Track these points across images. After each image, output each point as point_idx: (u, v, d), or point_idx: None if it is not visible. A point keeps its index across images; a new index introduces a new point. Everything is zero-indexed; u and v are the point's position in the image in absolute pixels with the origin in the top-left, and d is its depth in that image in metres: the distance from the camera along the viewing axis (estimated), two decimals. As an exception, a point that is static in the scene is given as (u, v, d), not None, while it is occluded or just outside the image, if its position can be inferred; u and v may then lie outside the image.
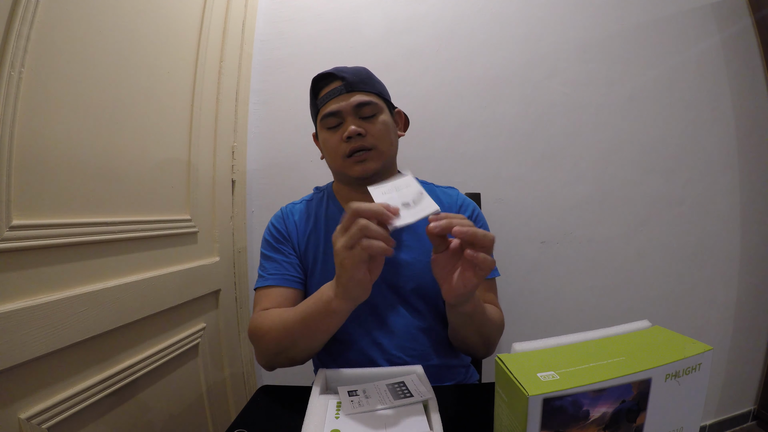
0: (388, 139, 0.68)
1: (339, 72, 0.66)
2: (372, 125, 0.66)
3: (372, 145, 0.65)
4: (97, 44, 0.58)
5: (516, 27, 1.12)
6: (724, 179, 1.19)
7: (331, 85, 0.67)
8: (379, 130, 0.66)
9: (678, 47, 1.15)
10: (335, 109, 0.65)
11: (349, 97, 0.65)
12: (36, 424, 0.47)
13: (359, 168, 0.66)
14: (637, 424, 0.32)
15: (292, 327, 0.55)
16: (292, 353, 0.58)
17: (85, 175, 0.57)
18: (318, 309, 0.52)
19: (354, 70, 0.68)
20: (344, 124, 0.65)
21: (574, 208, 1.14)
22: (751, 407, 1.29)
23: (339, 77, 0.66)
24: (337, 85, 0.66)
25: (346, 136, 0.64)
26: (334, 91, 0.66)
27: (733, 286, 1.22)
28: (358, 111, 0.65)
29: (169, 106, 0.77)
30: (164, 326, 0.74)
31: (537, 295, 1.14)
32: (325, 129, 0.68)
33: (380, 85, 0.71)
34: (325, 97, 0.67)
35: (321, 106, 0.67)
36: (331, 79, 0.67)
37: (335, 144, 0.66)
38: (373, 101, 0.66)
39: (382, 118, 0.67)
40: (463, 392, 0.56)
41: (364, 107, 0.65)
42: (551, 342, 0.36)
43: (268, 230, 0.73)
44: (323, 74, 0.67)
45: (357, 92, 0.66)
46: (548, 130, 1.13)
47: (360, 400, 0.45)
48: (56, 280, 0.51)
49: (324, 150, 0.71)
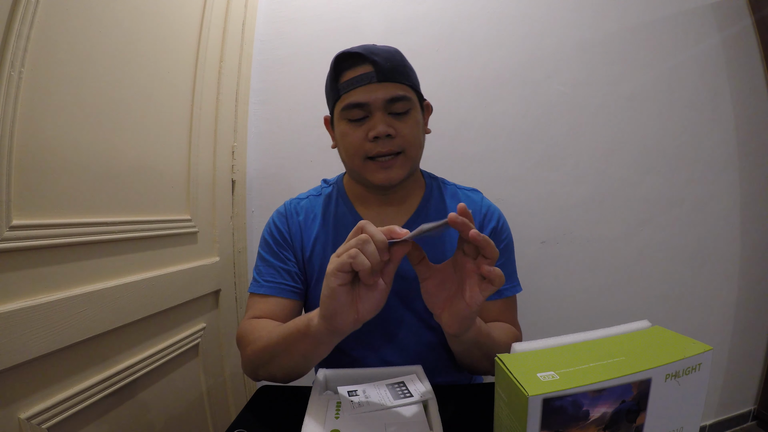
0: (419, 141, 0.60)
1: (369, 54, 0.55)
2: (403, 124, 0.57)
3: (401, 147, 0.57)
4: (97, 44, 0.58)
5: (516, 27, 1.12)
6: (724, 179, 1.19)
7: (358, 69, 0.56)
8: (411, 131, 0.58)
9: (678, 47, 1.15)
10: (363, 100, 0.55)
11: (381, 88, 0.55)
12: (36, 424, 0.47)
13: (383, 175, 0.57)
14: (637, 424, 0.32)
15: (274, 344, 0.50)
16: (272, 370, 0.52)
17: (85, 175, 0.57)
18: (298, 327, 0.46)
19: (387, 54, 0.56)
20: (371, 119, 0.56)
21: (574, 208, 1.14)
22: (751, 407, 1.29)
23: (369, 60, 0.55)
24: (366, 70, 0.55)
25: (374, 136, 0.55)
26: (363, 78, 0.55)
27: (733, 286, 1.22)
28: (389, 106, 0.56)
29: (169, 106, 0.77)
30: (164, 326, 0.74)
31: (537, 295, 1.14)
32: (345, 120, 0.58)
33: (413, 74, 0.61)
34: (351, 83, 0.56)
35: (343, 93, 0.57)
36: (358, 61, 0.56)
37: (357, 141, 0.57)
38: (408, 96, 0.57)
39: (414, 116, 0.58)
40: (463, 392, 0.56)
41: (397, 102, 0.56)
42: (551, 342, 0.36)
43: (268, 228, 0.66)
44: (349, 53, 0.56)
45: (390, 82, 0.55)
46: (548, 130, 1.13)
47: (360, 400, 0.45)
48: (56, 280, 0.51)
49: (341, 143, 0.61)
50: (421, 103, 0.63)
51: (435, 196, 0.68)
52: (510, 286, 0.65)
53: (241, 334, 0.58)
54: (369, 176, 0.59)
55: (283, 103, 1.12)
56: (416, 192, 0.67)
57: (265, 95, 1.12)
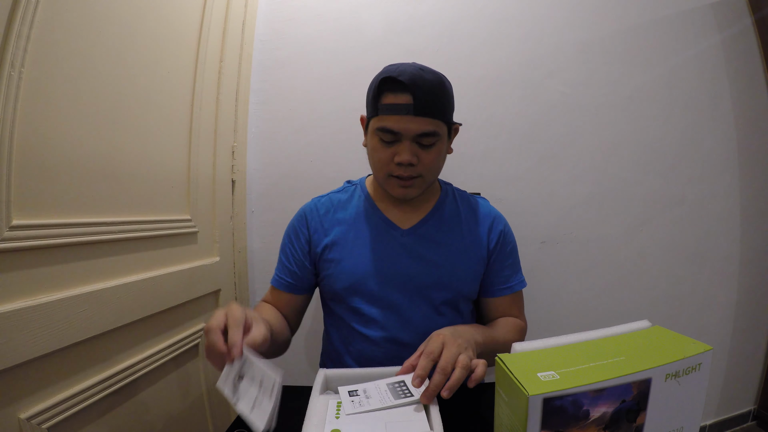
0: (437, 168, 0.68)
1: (412, 84, 0.58)
2: (427, 154, 0.63)
3: (420, 174, 0.64)
4: (97, 44, 0.58)
5: (516, 27, 1.12)
6: (724, 179, 1.19)
7: (399, 96, 0.60)
8: (431, 161, 0.64)
9: (678, 47, 1.15)
10: (396, 129, 0.61)
11: (415, 121, 0.60)
12: (36, 424, 0.47)
13: (401, 191, 0.66)
14: (637, 424, 0.32)
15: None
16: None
17: (85, 175, 0.57)
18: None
19: (428, 87, 0.60)
20: (399, 145, 0.62)
21: (574, 208, 1.14)
22: (751, 407, 1.29)
23: (410, 90, 0.59)
24: (406, 100, 0.59)
25: (398, 162, 0.62)
26: (401, 108, 0.59)
27: (733, 286, 1.22)
28: (418, 138, 0.62)
29: (169, 106, 0.77)
30: (164, 326, 0.74)
31: (537, 295, 1.14)
32: (377, 137, 0.64)
33: (450, 105, 0.66)
34: (389, 108, 0.60)
35: (381, 114, 0.62)
36: (400, 88, 0.59)
37: (384, 160, 0.64)
38: (437, 132, 0.62)
39: (438, 147, 0.64)
40: (463, 392, 0.56)
41: (426, 137, 0.62)
42: (551, 342, 0.36)
43: (288, 227, 0.76)
44: (394, 79, 0.59)
45: (424, 117, 0.60)
46: (548, 130, 1.13)
47: (360, 400, 0.45)
48: (56, 280, 0.51)
49: (370, 154, 0.68)
50: (450, 128, 0.68)
51: (449, 199, 0.76)
52: (517, 281, 0.75)
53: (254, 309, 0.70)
54: (389, 189, 0.68)
55: (283, 103, 1.12)
56: (433, 195, 0.76)
57: (265, 95, 1.12)
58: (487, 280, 0.73)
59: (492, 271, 0.73)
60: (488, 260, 0.73)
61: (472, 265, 0.71)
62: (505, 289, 0.73)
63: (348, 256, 0.69)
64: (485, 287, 0.74)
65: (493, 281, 0.73)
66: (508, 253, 0.74)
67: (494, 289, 0.73)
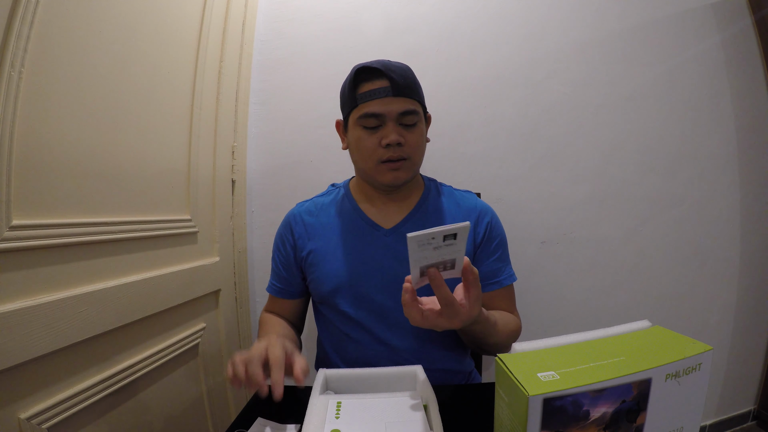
0: (422, 149, 0.69)
1: (386, 70, 0.62)
2: (411, 134, 0.65)
3: (408, 155, 0.65)
4: (98, 44, 0.58)
5: (516, 27, 1.12)
6: (724, 179, 1.19)
7: (375, 82, 0.63)
8: (416, 141, 0.66)
9: (678, 47, 1.15)
10: (379, 111, 0.62)
11: (395, 102, 0.62)
12: (36, 424, 0.47)
13: (391, 176, 0.65)
14: (637, 424, 0.32)
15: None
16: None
17: (85, 175, 0.57)
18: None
19: (401, 71, 0.64)
20: (384, 128, 0.63)
21: (574, 208, 1.14)
22: (751, 407, 1.29)
23: (386, 75, 0.62)
24: (383, 84, 0.62)
25: (386, 143, 0.62)
26: (380, 92, 0.62)
27: (733, 287, 1.22)
28: (401, 118, 0.63)
29: (169, 106, 0.77)
30: (164, 326, 0.74)
31: (537, 295, 1.14)
32: (360, 127, 0.65)
33: (421, 90, 0.69)
34: (368, 95, 0.63)
35: (361, 102, 0.64)
36: (376, 75, 0.63)
37: (371, 147, 0.64)
38: (417, 110, 0.65)
39: (420, 128, 0.66)
40: (463, 392, 0.56)
41: (408, 115, 0.64)
42: (551, 342, 0.36)
43: (276, 237, 0.77)
44: (368, 67, 0.63)
45: (403, 97, 0.63)
46: (548, 130, 1.13)
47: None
48: (56, 280, 0.51)
49: (355, 148, 0.68)
50: (425, 112, 0.70)
51: (433, 195, 0.75)
52: (506, 276, 0.72)
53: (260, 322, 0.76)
54: (379, 177, 0.66)
55: (283, 104, 1.12)
56: (416, 191, 0.75)
57: (265, 95, 1.12)
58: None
59: (481, 266, 0.70)
60: (474, 254, 0.71)
61: None
62: (493, 284, 0.70)
63: (331, 259, 0.69)
64: None
65: (483, 276, 0.69)
66: (496, 246, 0.72)
67: (484, 284, 0.69)
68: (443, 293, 0.44)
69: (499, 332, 0.60)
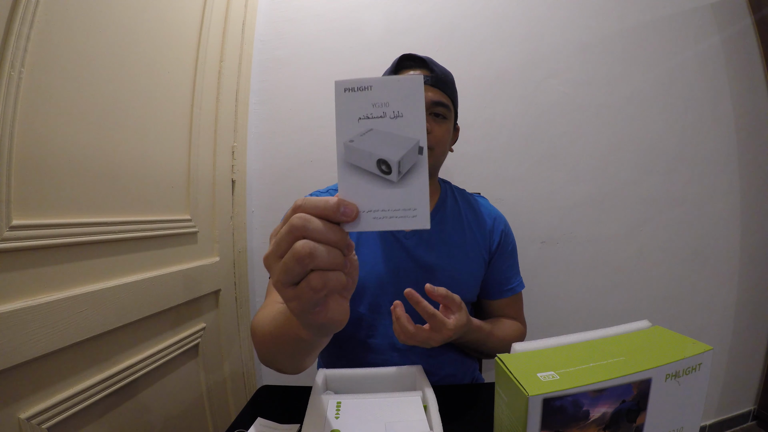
0: (445, 146, 0.70)
1: (430, 62, 0.67)
2: (439, 127, 0.66)
3: (432, 145, 0.66)
4: (97, 44, 0.58)
5: (516, 27, 1.12)
6: (724, 179, 1.19)
7: (417, 70, 0.67)
8: (443, 134, 0.67)
9: (678, 47, 1.15)
10: None
11: (432, 90, 0.65)
12: (36, 424, 0.47)
13: None
14: (637, 424, 0.32)
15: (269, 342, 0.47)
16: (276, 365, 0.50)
17: (85, 175, 0.57)
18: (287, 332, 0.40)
19: (443, 69, 0.69)
20: None
21: (574, 208, 1.14)
22: (751, 407, 1.29)
23: (429, 67, 0.66)
24: (425, 73, 0.66)
25: None
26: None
27: (733, 286, 1.22)
28: (432, 107, 0.65)
29: (169, 105, 0.77)
30: (164, 326, 0.74)
31: (537, 295, 1.14)
32: None
33: (456, 96, 0.72)
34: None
35: None
36: (420, 65, 0.67)
37: None
38: (449, 105, 0.68)
39: (447, 124, 0.68)
40: (463, 392, 0.56)
41: (441, 107, 0.66)
42: (551, 342, 0.36)
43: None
44: (415, 57, 0.67)
45: (440, 90, 0.66)
46: (548, 130, 1.13)
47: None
48: (56, 280, 0.51)
49: None
50: (456, 116, 0.73)
51: (450, 197, 0.77)
52: (518, 283, 0.75)
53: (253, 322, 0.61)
54: None
55: (283, 103, 1.12)
56: (434, 194, 0.76)
57: (265, 95, 1.12)
58: (488, 282, 0.73)
59: (494, 273, 0.72)
60: (489, 262, 0.72)
61: (474, 268, 0.70)
62: (507, 291, 0.72)
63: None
64: (486, 289, 0.73)
65: (495, 283, 0.72)
66: (509, 254, 0.74)
67: (496, 291, 0.73)
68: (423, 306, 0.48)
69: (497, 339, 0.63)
